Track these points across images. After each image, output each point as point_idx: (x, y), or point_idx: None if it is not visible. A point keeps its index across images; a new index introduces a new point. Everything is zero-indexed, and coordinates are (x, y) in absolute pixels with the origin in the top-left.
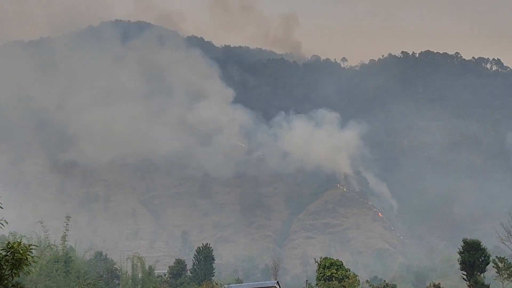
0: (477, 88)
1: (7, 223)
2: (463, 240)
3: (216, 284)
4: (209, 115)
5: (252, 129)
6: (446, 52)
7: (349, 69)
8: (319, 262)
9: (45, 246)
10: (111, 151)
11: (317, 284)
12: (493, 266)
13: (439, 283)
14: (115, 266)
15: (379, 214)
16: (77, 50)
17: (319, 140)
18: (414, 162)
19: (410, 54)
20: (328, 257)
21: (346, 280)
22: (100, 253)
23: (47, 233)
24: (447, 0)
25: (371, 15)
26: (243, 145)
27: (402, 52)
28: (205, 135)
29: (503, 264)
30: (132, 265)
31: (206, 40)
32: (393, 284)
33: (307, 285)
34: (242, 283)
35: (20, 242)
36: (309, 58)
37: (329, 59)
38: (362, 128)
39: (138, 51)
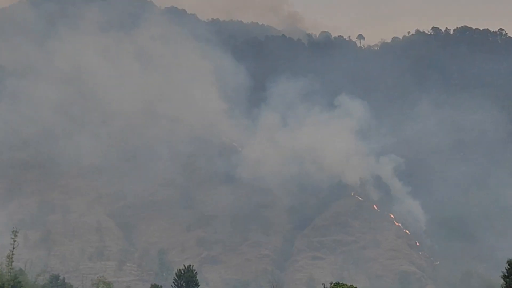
0: None
1: None
2: (507, 262)
3: None
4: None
5: (246, 125)
6: (487, 29)
7: (366, 49)
8: None
9: None
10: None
11: None
12: None
13: None
14: None
15: (405, 230)
16: None
17: (329, 138)
18: (447, 165)
19: (443, 30)
20: (340, 282)
21: None
22: (56, 277)
23: None
24: None
25: None
26: (235, 144)
27: (433, 28)
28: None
29: None
30: None
31: (188, 12)
32: None
33: None
34: None
35: None
36: (317, 36)
37: (342, 37)
38: (382, 123)
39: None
